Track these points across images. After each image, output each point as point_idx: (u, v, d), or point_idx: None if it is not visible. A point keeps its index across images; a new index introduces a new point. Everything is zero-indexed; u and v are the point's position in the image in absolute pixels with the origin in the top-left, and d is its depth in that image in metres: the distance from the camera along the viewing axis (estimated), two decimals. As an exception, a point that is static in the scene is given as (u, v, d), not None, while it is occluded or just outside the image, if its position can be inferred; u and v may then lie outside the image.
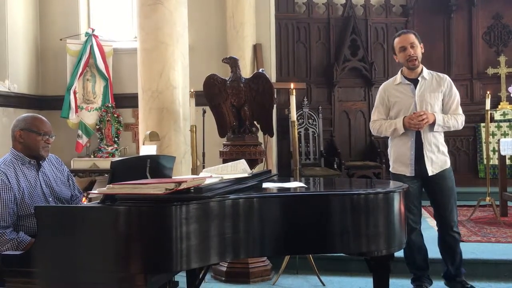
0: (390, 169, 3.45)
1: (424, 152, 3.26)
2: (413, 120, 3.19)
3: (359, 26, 7.45)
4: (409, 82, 3.33)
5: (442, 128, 3.28)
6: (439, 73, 3.39)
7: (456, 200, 3.33)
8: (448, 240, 3.30)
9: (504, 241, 4.32)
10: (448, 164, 3.32)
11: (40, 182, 2.63)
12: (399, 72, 3.42)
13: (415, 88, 3.30)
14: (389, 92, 3.40)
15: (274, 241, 2.23)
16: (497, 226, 4.94)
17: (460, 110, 3.34)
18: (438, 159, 3.28)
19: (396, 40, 3.35)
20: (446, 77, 3.37)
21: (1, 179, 2.45)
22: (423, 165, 3.26)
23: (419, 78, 3.32)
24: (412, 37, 3.29)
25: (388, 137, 3.48)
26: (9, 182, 2.46)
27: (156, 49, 4.03)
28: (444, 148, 3.34)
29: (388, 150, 3.51)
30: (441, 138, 3.33)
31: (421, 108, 3.25)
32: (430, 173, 3.26)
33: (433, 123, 3.23)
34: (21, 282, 2.10)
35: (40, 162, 2.68)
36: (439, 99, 3.30)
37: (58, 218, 2.09)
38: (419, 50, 3.30)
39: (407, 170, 3.30)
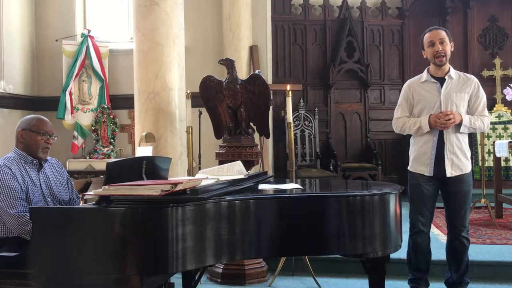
0: (409, 168, 3.36)
1: (445, 153, 3.19)
2: (440, 119, 3.12)
3: (355, 28, 7.47)
4: (435, 81, 3.25)
5: (468, 129, 3.22)
6: (466, 74, 3.33)
7: (470, 205, 3.28)
8: (456, 245, 3.26)
9: (499, 243, 4.34)
10: (469, 169, 3.26)
11: (40, 182, 2.67)
12: (425, 70, 3.34)
13: (441, 87, 3.23)
14: (413, 89, 3.32)
15: (270, 242, 2.23)
16: (492, 227, 4.95)
17: (486, 112, 3.28)
18: (460, 161, 3.22)
19: (426, 35, 3.27)
20: (473, 78, 3.30)
21: (6, 172, 2.51)
22: (442, 166, 3.19)
23: (446, 77, 3.24)
24: (443, 34, 3.23)
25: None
26: (15, 175, 2.53)
27: (152, 50, 4.03)
28: (468, 152, 3.27)
29: (410, 148, 3.41)
30: (465, 141, 3.26)
31: (446, 108, 3.17)
32: (448, 175, 3.19)
33: (459, 124, 3.17)
34: (16, 284, 2.10)
35: (42, 163, 2.72)
36: (465, 100, 3.22)
37: (53, 219, 2.09)
38: (448, 47, 3.22)
39: (426, 170, 3.23)
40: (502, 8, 7.64)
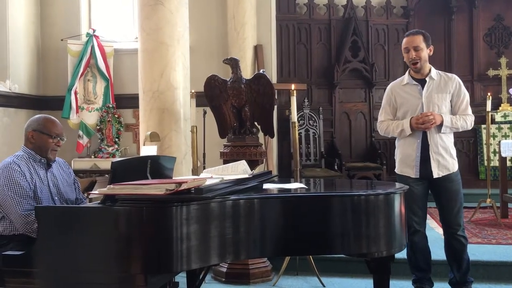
0: (396, 170, 3.41)
1: (430, 154, 3.21)
2: (420, 121, 3.16)
3: (360, 28, 7.45)
4: (416, 83, 3.29)
5: (450, 130, 3.24)
6: (447, 74, 3.35)
7: (463, 204, 3.29)
8: (454, 244, 3.26)
9: (505, 243, 4.32)
10: (456, 167, 3.27)
11: (48, 181, 2.70)
12: (407, 72, 3.37)
13: (423, 88, 3.26)
14: (396, 93, 3.37)
15: (275, 242, 2.23)
16: (497, 227, 4.93)
17: (469, 111, 3.30)
18: (446, 161, 3.23)
19: (403, 40, 3.31)
20: (454, 77, 3.32)
21: (16, 169, 2.54)
22: (429, 167, 3.21)
23: (427, 79, 3.27)
24: (418, 40, 3.22)
25: (395, 138, 3.45)
26: (23, 172, 2.56)
27: (157, 49, 4.03)
28: (453, 151, 3.28)
29: (395, 151, 3.46)
30: (449, 140, 3.28)
31: (428, 109, 3.21)
32: (435, 175, 3.22)
33: (441, 124, 3.18)
34: (21, 282, 2.11)
35: (50, 162, 2.75)
36: (446, 100, 3.25)
37: (59, 219, 2.09)
38: (424, 52, 3.23)
39: (412, 172, 3.26)
40: (508, 7, 7.61)
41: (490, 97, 5.50)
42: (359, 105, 7.56)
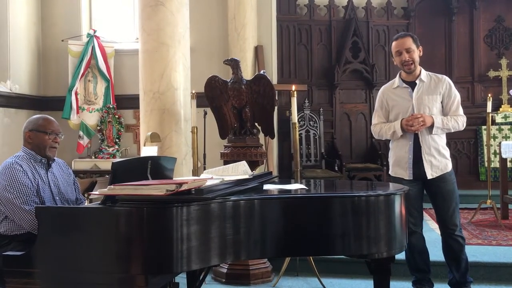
0: (390, 172, 3.43)
1: (423, 156, 3.23)
2: (409, 123, 3.18)
3: (361, 28, 7.46)
4: (406, 86, 3.31)
5: (441, 131, 3.25)
6: (437, 75, 3.35)
7: (458, 204, 3.30)
8: (451, 244, 3.26)
9: (505, 244, 4.32)
10: (449, 168, 3.28)
11: (49, 181, 2.71)
12: (398, 75, 3.40)
13: (413, 91, 3.28)
14: (387, 96, 3.39)
15: (275, 242, 2.23)
16: (498, 229, 4.93)
17: (460, 111, 3.31)
18: (439, 162, 3.24)
19: (393, 44, 3.32)
20: (445, 78, 3.33)
21: (18, 168, 2.56)
22: (422, 169, 3.23)
23: (417, 81, 3.29)
24: (409, 42, 3.24)
25: (390, 140, 3.47)
26: (26, 172, 2.58)
27: (158, 50, 4.03)
28: (446, 151, 3.30)
29: (389, 153, 3.49)
30: (441, 141, 3.29)
31: (418, 111, 3.23)
32: (429, 177, 3.23)
33: (432, 126, 3.20)
34: (22, 283, 2.10)
35: (50, 162, 2.77)
36: (437, 101, 3.27)
37: (59, 219, 2.09)
38: (416, 54, 3.25)
39: (405, 174, 3.28)
40: (508, 8, 7.61)
41: (491, 98, 5.50)
42: (360, 106, 7.56)
